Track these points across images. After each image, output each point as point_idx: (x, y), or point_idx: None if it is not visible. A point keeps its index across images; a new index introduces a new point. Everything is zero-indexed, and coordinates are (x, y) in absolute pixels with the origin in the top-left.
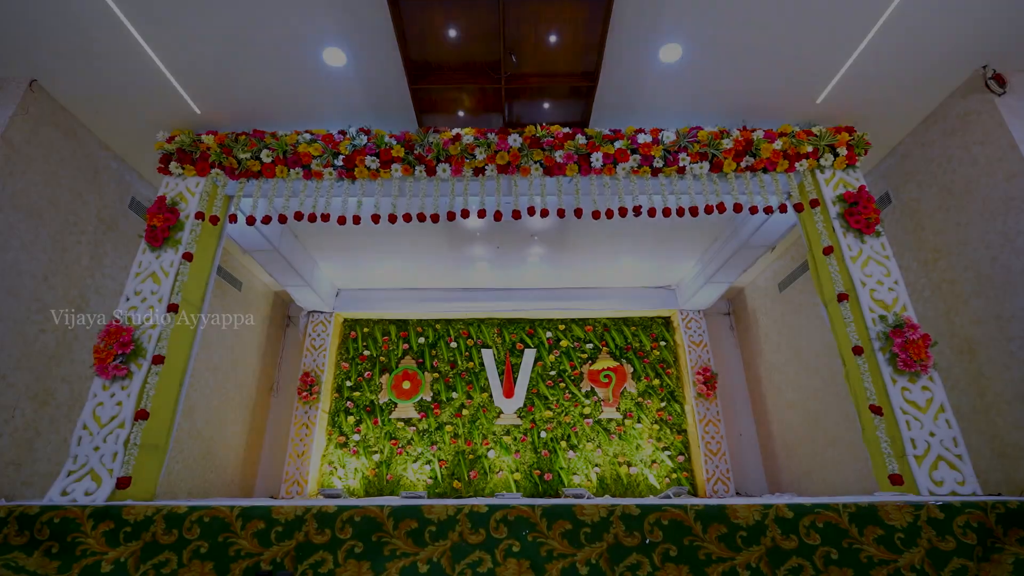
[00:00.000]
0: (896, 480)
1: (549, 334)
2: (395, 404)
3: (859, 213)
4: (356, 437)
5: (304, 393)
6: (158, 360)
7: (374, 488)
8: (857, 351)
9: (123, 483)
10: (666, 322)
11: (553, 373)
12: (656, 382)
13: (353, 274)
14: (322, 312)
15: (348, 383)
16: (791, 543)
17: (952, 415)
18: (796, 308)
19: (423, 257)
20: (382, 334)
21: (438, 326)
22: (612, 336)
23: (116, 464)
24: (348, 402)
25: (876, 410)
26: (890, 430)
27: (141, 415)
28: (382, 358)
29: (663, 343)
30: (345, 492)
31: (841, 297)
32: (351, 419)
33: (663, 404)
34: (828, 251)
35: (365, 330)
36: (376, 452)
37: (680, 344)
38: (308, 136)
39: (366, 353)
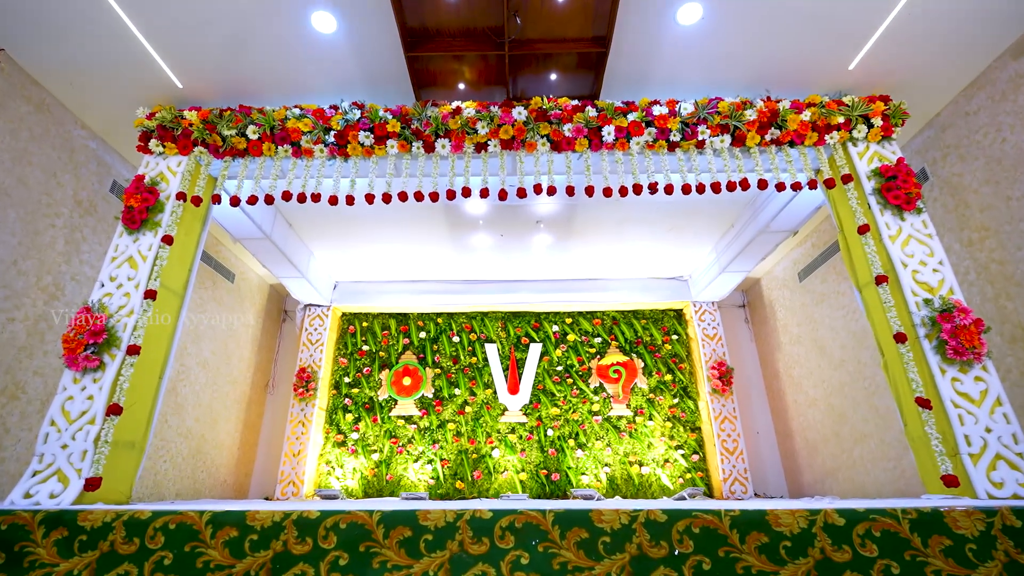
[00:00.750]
0: (951, 481)
1: (555, 328)
2: (395, 401)
3: (898, 188)
4: (355, 436)
5: (300, 390)
6: (133, 350)
7: (373, 489)
8: (900, 338)
9: (92, 484)
10: (678, 315)
11: (560, 368)
12: (668, 377)
13: (351, 266)
14: (319, 306)
15: (346, 379)
16: (844, 555)
17: (1010, 408)
18: (818, 298)
19: (423, 247)
20: (381, 328)
21: (440, 320)
22: (621, 329)
23: (85, 463)
24: (346, 399)
25: (924, 403)
26: (940, 426)
27: (113, 410)
28: (381, 353)
29: (675, 336)
30: (343, 493)
31: (880, 279)
32: (349, 417)
33: (676, 400)
34: (864, 230)
35: (364, 324)
36: (375, 451)
37: (693, 337)
38: (297, 111)
39: (365, 348)
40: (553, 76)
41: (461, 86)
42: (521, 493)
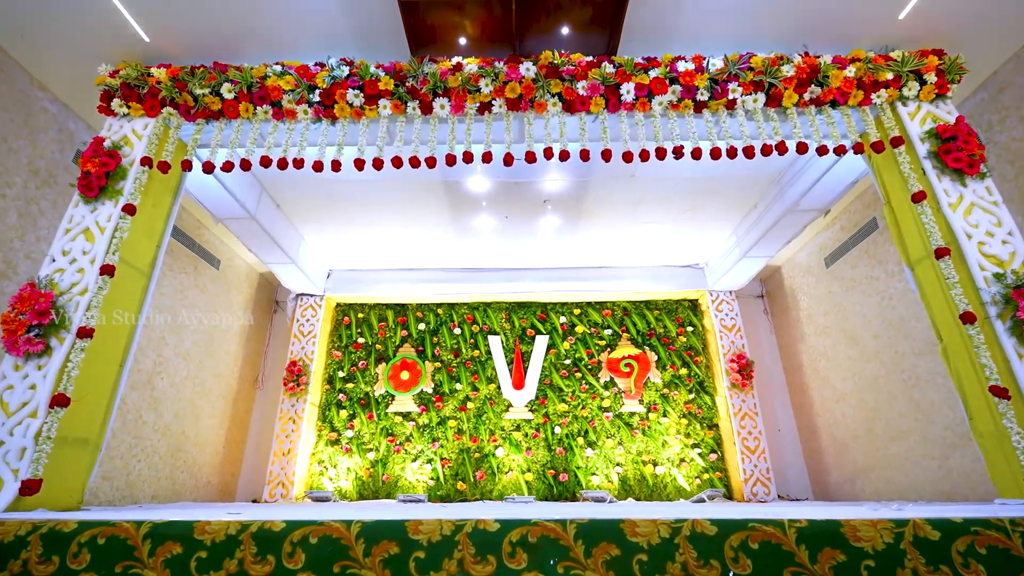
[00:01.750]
0: None
1: (563, 319)
2: (392, 397)
3: (959, 150)
4: (349, 433)
5: (291, 384)
6: (84, 333)
7: (369, 490)
8: (967, 319)
9: (30, 487)
10: (693, 305)
11: (568, 362)
12: (683, 371)
13: (345, 252)
14: (311, 295)
15: (340, 373)
16: None
17: None
18: (848, 285)
19: (422, 230)
20: (378, 319)
21: (440, 311)
22: (633, 321)
23: (24, 463)
24: (340, 395)
25: (999, 393)
26: (1020, 419)
27: (59, 401)
28: (378, 346)
29: (690, 328)
30: (336, 495)
31: (940, 252)
32: (343, 413)
33: (691, 396)
34: (919, 198)
35: (360, 315)
36: (371, 450)
37: (710, 329)
38: (279, 68)
39: (360, 340)
40: (565, 31)
41: (462, 42)
42: (527, 495)
